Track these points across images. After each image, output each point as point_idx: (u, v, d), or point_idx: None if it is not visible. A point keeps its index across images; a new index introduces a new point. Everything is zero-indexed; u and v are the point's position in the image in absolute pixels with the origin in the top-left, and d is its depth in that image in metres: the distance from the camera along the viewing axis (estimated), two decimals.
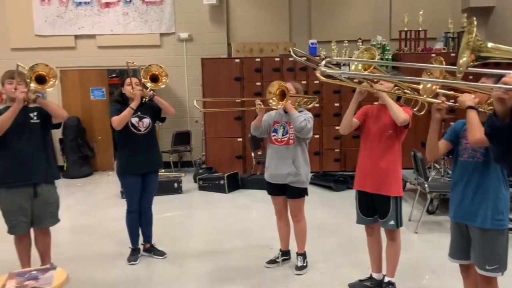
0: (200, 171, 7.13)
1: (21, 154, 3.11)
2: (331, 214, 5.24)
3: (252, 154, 7.01)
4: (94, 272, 3.62)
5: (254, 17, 8.21)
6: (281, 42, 7.90)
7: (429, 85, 2.08)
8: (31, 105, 3.20)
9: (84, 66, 8.02)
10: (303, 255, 3.57)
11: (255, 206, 5.73)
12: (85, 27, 7.94)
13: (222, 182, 6.37)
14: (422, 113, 2.62)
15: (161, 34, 8.07)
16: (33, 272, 2.18)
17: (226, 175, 6.42)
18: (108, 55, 8.03)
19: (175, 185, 6.36)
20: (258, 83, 7.33)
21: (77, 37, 7.98)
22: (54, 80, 3.10)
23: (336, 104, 7.40)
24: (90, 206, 5.91)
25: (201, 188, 6.57)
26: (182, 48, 8.13)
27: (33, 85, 3.03)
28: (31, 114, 3.22)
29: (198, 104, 3.35)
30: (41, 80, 3.07)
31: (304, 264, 3.55)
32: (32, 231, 3.31)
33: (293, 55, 2.98)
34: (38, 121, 3.24)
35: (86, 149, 7.99)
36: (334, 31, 8.00)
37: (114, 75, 8.87)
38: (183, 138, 8.00)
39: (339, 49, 7.53)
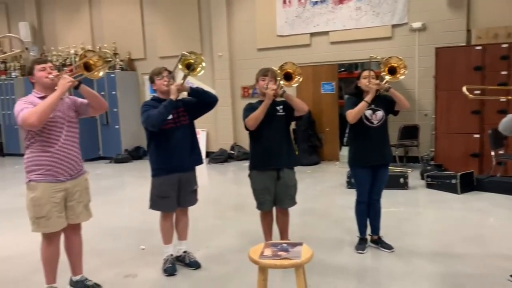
0: (428, 167, 6.75)
1: (269, 142, 3.57)
2: None
3: (492, 153, 6.22)
4: (323, 254, 3.86)
5: None
6: None
7: None
8: (278, 99, 3.64)
9: (317, 62, 8.56)
10: None
11: (494, 211, 5.10)
12: (320, 24, 8.46)
13: (454, 181, 5.88)
14: None
15: (393, 26, 7.92)
16: (284, 244, 2.52)
17: (459, 174, 5.89)
18: (339, 50, 8.38)
19: (401, 180, 6.20)
20: (504, 72, 6.44)
21: (312, 34, 8.58)
22: (299, 77, 3.44)
23: None
24: (318, 192, 6.34)
25: (429, 185, 6.22)
26: (413, 38, 7.80)
27: (282, 82, 3.44)
28: (278, 107, 3.64)
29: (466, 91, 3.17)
30: (288, 77, 3.46)
31: None
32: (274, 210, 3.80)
33: None
34: (283, 113, 3.63)
35: (315, 139, 8.57)
36: None
37: (342, 69, 9.18)
38: (410, 132, 7.71)
39: None
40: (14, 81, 10.65)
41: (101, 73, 3.12)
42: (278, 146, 3.60)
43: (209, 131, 9.78)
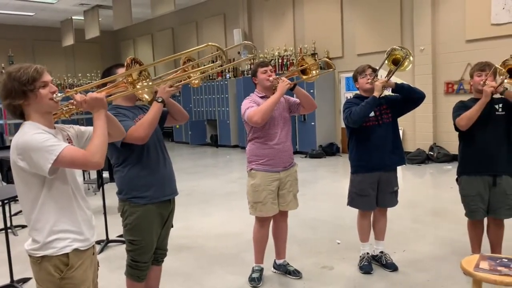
0: None
1: (485, 145, 3.23)
2: None
3: None
4: None
5: None
6: None
7: None
8: (495, 96, 3.24)
9: None
10: None
11: None
12: None
13: None
14: None
15: None
16: (504, 259, 2.24)
17: None
18: None
19: None
20: None
21: None
22: None
23: None
24: None
25: None
26: None
27: (506, 80, 3.05)
28: (496, 106, 3.26)
29: None
30: None
31: None
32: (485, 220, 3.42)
33: None
34: (503, 113, 3.24)
35: None
36: None
37: None
38: None
39: None
40: (228, 82, 12.16)
41: (313, 78, 3.37)
42: (495, 150, 3.24)
43: (405, 130, 9.33)
